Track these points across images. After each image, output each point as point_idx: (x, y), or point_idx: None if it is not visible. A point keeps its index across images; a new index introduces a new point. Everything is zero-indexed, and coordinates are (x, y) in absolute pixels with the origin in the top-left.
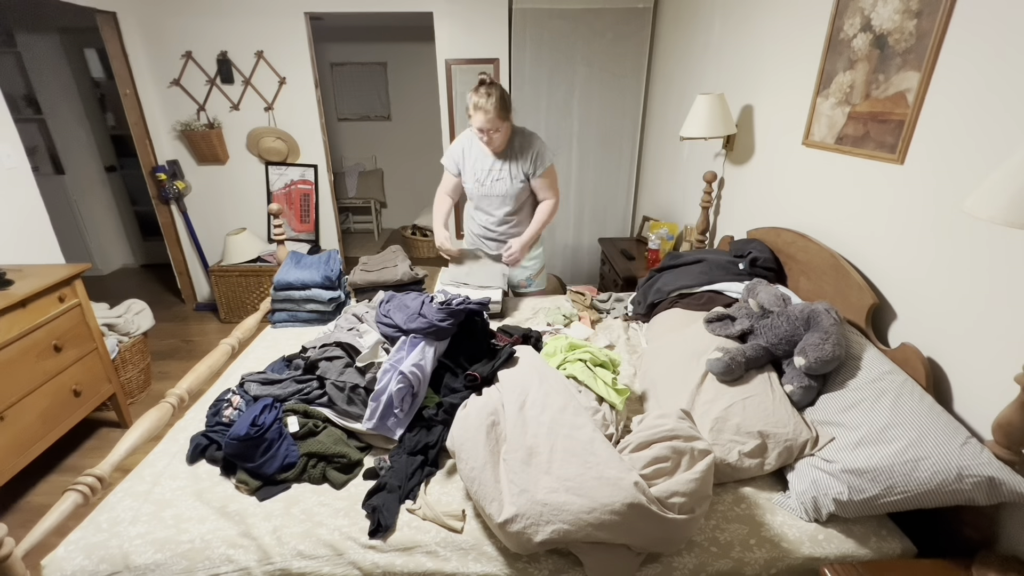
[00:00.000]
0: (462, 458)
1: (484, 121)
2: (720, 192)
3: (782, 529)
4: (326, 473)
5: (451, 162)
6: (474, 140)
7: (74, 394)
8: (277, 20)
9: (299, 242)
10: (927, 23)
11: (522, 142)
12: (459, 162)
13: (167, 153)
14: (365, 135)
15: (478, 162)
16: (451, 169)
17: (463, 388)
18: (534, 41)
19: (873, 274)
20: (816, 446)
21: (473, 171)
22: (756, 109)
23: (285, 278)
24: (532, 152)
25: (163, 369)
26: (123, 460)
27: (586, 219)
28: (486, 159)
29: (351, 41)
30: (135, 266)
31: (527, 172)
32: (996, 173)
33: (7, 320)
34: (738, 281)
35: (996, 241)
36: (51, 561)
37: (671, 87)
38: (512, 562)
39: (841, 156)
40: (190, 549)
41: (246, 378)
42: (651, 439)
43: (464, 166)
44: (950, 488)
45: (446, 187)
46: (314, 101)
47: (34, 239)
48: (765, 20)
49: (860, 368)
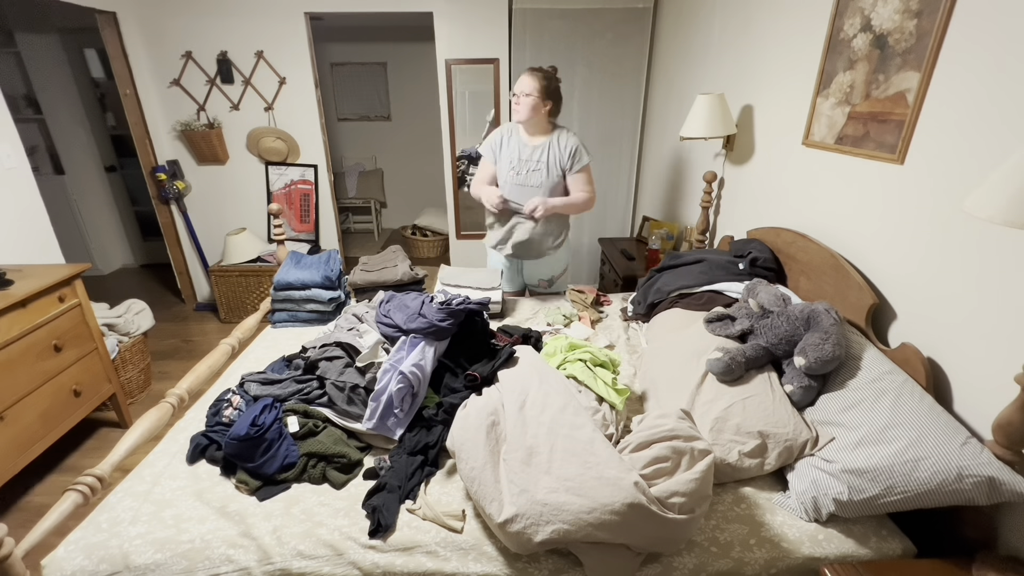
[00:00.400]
0: (462, 458)
1: (523, 84)
2: (720, 192)
3: (782, 529)
4: (326, 473)
5: (489, 150)
6: (514, 131)
7: (74, 394)
8: (277, 20)
9: (299, 242)
10: (927, 23)
11: (561, 138)
12: (496, 151)
13: (167, 153)
14: (365, 135)
15: (516, 151)
16: (489, 157)
17: (463, 388)
18: (534, 41)
19: (873, 274)
20: (816, 446)
21: (509, 159)
22: (756, 109)
23: (285, 278)
24: (571, 148)
25: (163, 369)
26: (123, 460)
27: (586, 219)
28: (524, 149)
29: (351, 41)
30: (135, 266)
31: (564, 167)
32: (996, 173)
33: (7, 320)
34: (738, 281)
35: (995, 241)
36: (51, 561)
37: (671, 87)
38: (512, 562)
39: (841, 156)
40: (190, 549)
41: (246, 378)
42: (651, 439)
43: (500, 155)
44: (950, 488)
45: (484, 177)
46: (314, 101)
47: (34, 239)
48: (765, 20)
49: (860, 368)
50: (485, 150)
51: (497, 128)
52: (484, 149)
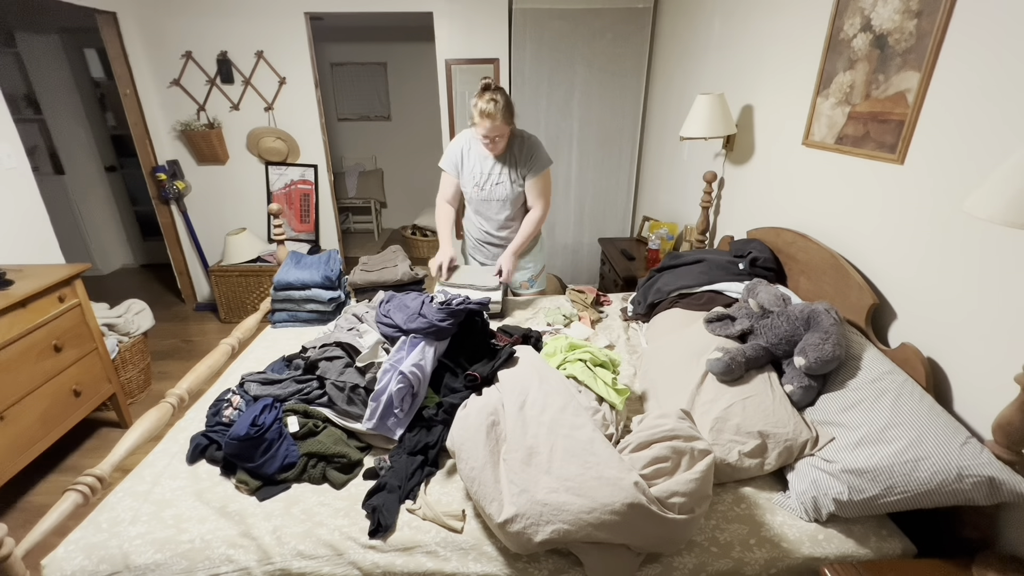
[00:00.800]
0: (462, 458)
1: (491, 128)
2: (720, 192)
3: (782, 529)
4: (326, 473)
5: (450, 164)
6: (473, 143)
7: (74, 394)
8: (277, 20)
9: (299, 242)
10: (927, 23)
11: (520, 145)
12: (458, 165)
13: (167, 153)
14: (365, 135)
15: (477, 166)
16: (450, 171)
17: (463, 388)
18: (534, 41)
19: (873, 274)
20: (816, 446)
21: (472, 175)
22: (756, 109)
23: (285, 278)
24: (529, 154)
25: (163, 369)
26: (123, 460)
27: (586, 219)
28: (486, 162)
29: (351, 41)
30: (135, 266)
31: (523, 174)
32: (995, 173)
33: (7, 320)
34: (738, 281)
35: (995, 241)
36: (51, 561)
37: (671, 87)
38: (512, 562)
39: (841, 156)
40: (190, 549)
41: (246, 378)
42: (651, 439)
43: (463, 170)
44: (950, 488)
45: (446, 193)
46: (314, 101)
47: (34, 239)
48: (765, 20)
49: (860, 368)
50: (446, 165)
51: (454, 140)
52: (445, 164)
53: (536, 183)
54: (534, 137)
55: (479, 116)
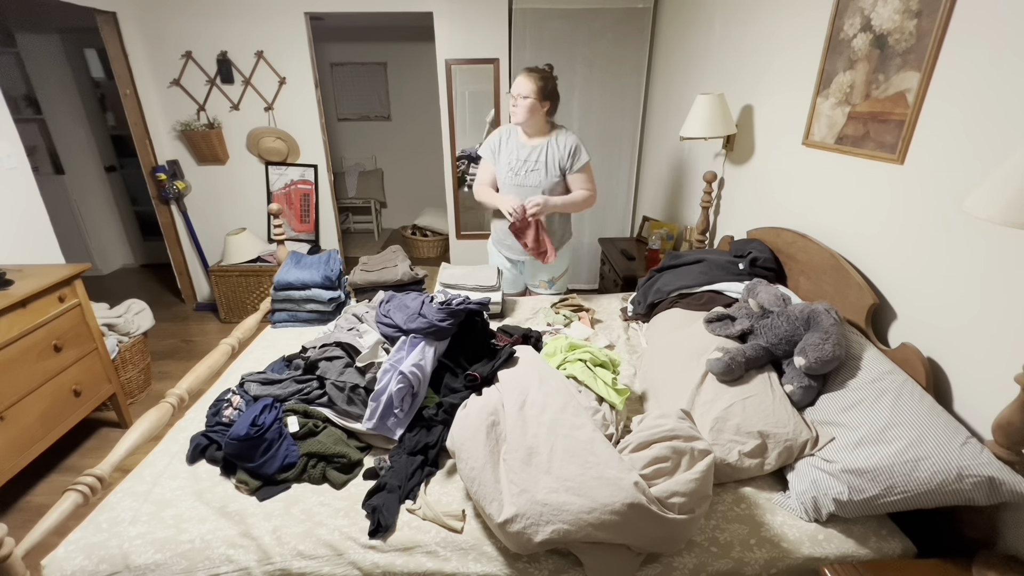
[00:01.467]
0: (462, 458)
1: (520, 84)
2: (720, 192)
3: (782, 529)
4: (326, 473)
5: (488, 151)
6: (512, 132)
7: (74, 394)
8: (277, 20)
9: (299, 242)
10: (927, 23)
11: (559, 137)
12: (495, 151)
13: (167, 153)
14: (365, 135)
15: (514, 152)
16: (488, 158)
17: (463, 388)
18: (534, 41)
19: (873, 274)
20: (816, 446)
21: (508, 160)
22: (756, 109)
23: (285, 278)
24: (570, 147)
25: (163, 369)
26: (123, 460)
27: (586, 219)
28: (523, 149)
29: (351, 41)
30: (135, 266)
31: (564, 167)
32: (996, 173)
33: (7, 320)
34: (738, 281)
35: (995, 241)
36: (51, 561)
37: (671, 87)
38: (512, 562)
39: (841, 156)
40: (190, 549)
41: (246, 378)
42: (651, 439)
43: (499, 156)
44: (950, 488)
45: (484, 179)
46: (314, 101)
47: (34, 239)
48: (765, 20)
49: (860, 368)
50: (484, 152)
51: (496, 129)
52: (484, 151)
53: (580, 176)
54: (575, 135)
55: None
